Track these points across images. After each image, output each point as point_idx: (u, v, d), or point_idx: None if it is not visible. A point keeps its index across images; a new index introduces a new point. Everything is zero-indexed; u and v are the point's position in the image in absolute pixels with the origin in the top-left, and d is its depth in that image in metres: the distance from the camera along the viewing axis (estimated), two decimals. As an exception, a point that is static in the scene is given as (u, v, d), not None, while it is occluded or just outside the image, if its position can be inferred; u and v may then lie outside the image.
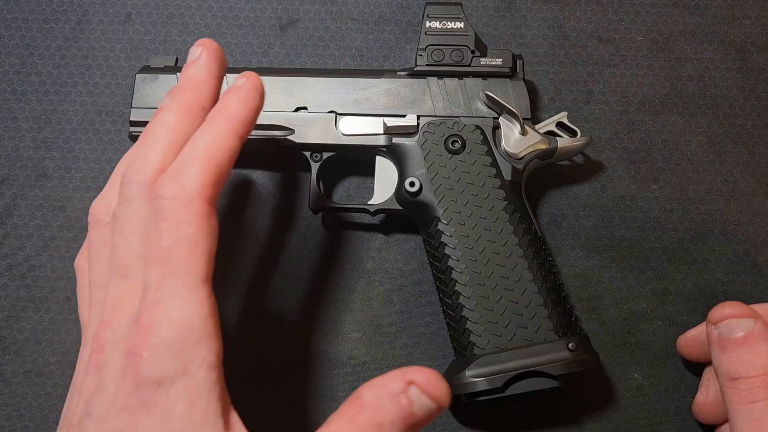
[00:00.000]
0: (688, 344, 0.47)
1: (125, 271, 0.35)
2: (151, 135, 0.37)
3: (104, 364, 0.34)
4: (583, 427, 0.49)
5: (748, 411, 0.39)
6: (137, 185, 0.35)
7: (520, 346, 0.44)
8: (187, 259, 0.33)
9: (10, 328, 0.50)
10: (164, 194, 0.34)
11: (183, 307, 0.33)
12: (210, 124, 0.36)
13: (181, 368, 0.32)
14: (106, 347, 0.34)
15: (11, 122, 0.53)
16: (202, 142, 0.35)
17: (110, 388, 0.33)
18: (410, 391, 0.33)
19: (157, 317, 0.33)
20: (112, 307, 0.35)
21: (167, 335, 0.32)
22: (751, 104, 0.53)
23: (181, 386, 0.32)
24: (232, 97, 0.37)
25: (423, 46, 0.48)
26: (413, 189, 0.47)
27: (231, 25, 0.54)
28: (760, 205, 0.52)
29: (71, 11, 0.55)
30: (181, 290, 0.33)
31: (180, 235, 0.33)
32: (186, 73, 0.39)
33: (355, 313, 0.50)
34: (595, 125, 0.53)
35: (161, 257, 0.33)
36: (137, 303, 0.34)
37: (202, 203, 0.34)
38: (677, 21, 0.54)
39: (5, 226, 0.52)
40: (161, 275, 0.33)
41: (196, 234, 0.34)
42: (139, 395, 0.32)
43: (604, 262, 0.51)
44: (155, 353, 0.32)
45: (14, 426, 0.49)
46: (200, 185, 0.34)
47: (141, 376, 0.32)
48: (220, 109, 0.37)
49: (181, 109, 0.37)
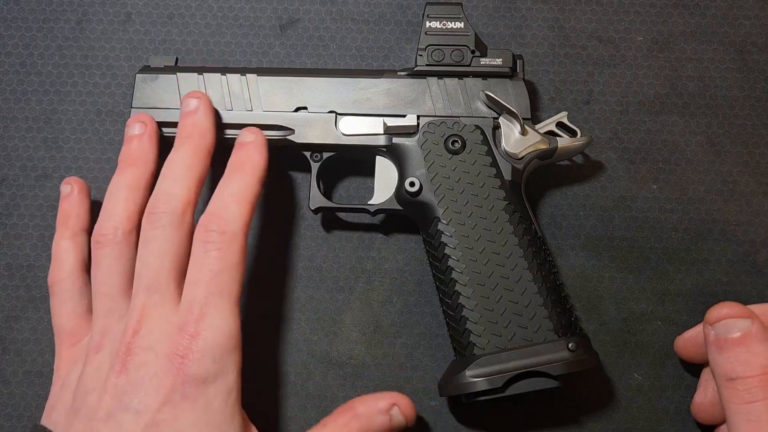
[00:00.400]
0: (686, 345, 0.47)
1: (156, 287, 0.41)
2: (172, 173, 0.44)
3: (139, 365, 0.39)
4: (583, 427, 0.49)
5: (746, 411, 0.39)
6: (169, 215, 0.42)
7: (520, 346, 0.44)
8: (230, 282, 0.41)
9: (10, 328, 0.50)
10: (214, 229, 0.42)
11: (225, 320, 0.40)
12: (241, 173, 0.44)
13: (219, 370, 0.40)
14: (137, 351, 0.40)
15: (11, 122, 0.53)
16: (238, 188, 0.43)
17: (152, 385, 0.39)
18: (392, 411, 0.43)
19: (204, 327, 0.40)
20: (141, 316, 0.41)
21: (212, 341, 0.40)
22: (751, 104, 0.53)
23: (219, 384, 0.40)
24: (251, 151, 0.45)
25: (423, 46, 0.48)
26: (413, 189, 0.47)
27: (231, 25, 0.54)
28: (760, 205, 0.52)
29: (71, 11, 0.55)
30: (225, 307, 0.41)
31: (227, 263, 0.41)
32: (191, 121, 0.46)
33: (355, 313, 0.50)
34: (595, 125, 0.53)
35: (210, 279, 0.41)
36: (169, 314, 0.41)
37: (243, 238, 0.42)
38: (677, 21, 0.54)
39: (5, 226, 0.52)
40: (209, 293, 0.41)
41: (238, 262, 0.42)
42: (183, 390, 0.39)
43: (604, 262, 0.51)
44: (201, 356, 0.39)
45: (14, 426, 0.49)
46: (243, 223, 0.43)
47: (187, 374, 0.39)
48: (245, 161, 0.45)
49: (193, 151, 0.45)
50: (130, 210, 0.44)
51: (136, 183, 0.45)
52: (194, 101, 0.47)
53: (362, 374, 0.49)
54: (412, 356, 0.50)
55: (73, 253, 0.46)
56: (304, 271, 0.51)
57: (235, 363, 0.41)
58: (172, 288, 0.42)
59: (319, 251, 0.51)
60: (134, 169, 0.45)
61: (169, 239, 0.42)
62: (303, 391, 0.49)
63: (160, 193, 0.43)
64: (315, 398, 0.49)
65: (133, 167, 0.45)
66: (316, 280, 0.51)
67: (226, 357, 0.40)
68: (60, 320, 0.45)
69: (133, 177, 0.45)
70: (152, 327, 0.40)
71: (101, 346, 0.42)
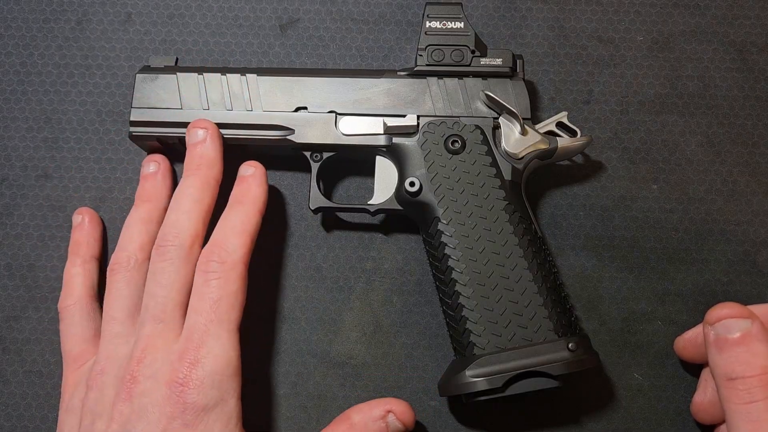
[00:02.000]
0: (686, 346, 0.47)
1: (162, 317, 0.43)
2: (181, 206, 0.45)
3: (142, 393, 0.40)
4: (583, 427, 0.49)
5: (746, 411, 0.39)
6: (177, 248, 0.44)
7: (520, 346, 0.44)
8: (229, 309, 0.42)
9: (10, 328, 0.50)
10: (215, 259, 0.43)
11: (224, 348, 0.41)
12: (242, 206, 0.46)
13: (219, 397, 0.40)
14: (141, 379, 0.41)
15: (11, 122, 0.53)
16: (238, 220, 0.45)
17: (153, 413, 0.40)
18: (388, 417, 0.43)
19: (203, 354, 0.41)
20: (146, 345, 0.42)
21: (211, 369, 0.41)
22: (751, 104, 0.53)
23: (219, 411, 0.40)
24: (252, 184, 0.47)
25: (423, 46, 0.48)
26: (413, 189, 0.47)
27: (231, 25, 0.54)
28: (760, 205, 0.52)
29: (71, 11, 0.55)
30: (224, 334, 0.42)
31: (227, 291, 0.43)
32: (198, 152, 0.47)
33: (355, 313, 0.50)
34: (595, 125, 0.53)
35: (210, 307, 0.42)
36: (172, 343, 0.42)
37: (243, 268, 0.44)
38: (677, 21, 0.54)
39: (5, 226, 0.52)
40: (208, 321, 0.42)
41: (238, 290, 0.43)
42: (184, 418, 0.40)
43: (604, 262, 0.51)
44: (201, 383, 0.40)
45: (14, 426, 0.49)
46: (242, 253, 0.44)
47: (187, 402, 0.40)
48: (246, 194, 0.46)
49: (201, 183, 0.46)
50: (144, 241, 0.46)
51: (150, 217, 0.47)
52: (201, 132, 0.47)
53: (362, 374, 0.49)
54: (412, 356, 0.50)
55: (82, 279, 0.48)
56: (304, 271, 0.51)
57: (235, 389, 0.41)
58: (177, 318, 0.43)
59: (319, 251, 0.51)
60: (148, 205, 0.48)
61: (176, 271, 0.43)
62: (303, 391, 0.49)
63: (169, 226, 0.45)
64: (315, 398, 0.49)
65: (148, 203, 0.48)
66: (316, 280, 0.51)
67: (226, 383, 0.41)
68: (67, 345, 0.46)
69: (147, 212, 0.47)
70: (156, 356, 0.41)
71: (105, 370, 0.43)
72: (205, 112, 0.48)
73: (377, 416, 0.43)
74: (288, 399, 0.49)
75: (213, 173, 0.47)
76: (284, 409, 0.49)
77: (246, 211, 0.46)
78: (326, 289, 0.51)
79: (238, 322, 0.43)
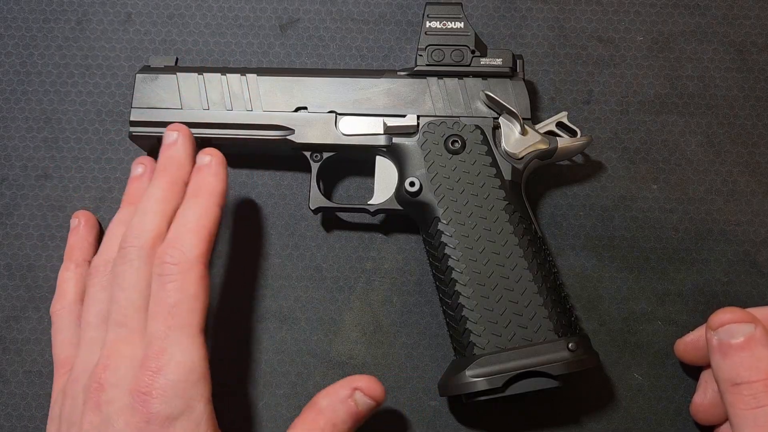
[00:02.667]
0: (687, 349, 0.46)
1: (124, 321, 0.41)
2: (144, 207, 0.43)
3: (108, 402, 0.39)
4: (583, 427, 0.49)
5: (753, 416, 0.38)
6: (138, 249, 0.42)
7: (520, 346, 0.44)
8: (189, 313, 0.40)
9: (10, 328, 0.50)
10: (169, 261, 0.41)
11: (186, 354, 0.39)
12: (197, 199, 0.44)
13: (185, 404, 0.39)
14: (107, 387, 0.39)
15: (11, 122, 0.53)
16: (193, 215, 0.43)
17: (119, 424, 0.38)
18: (356, 395, 0.42)
19: (164, 362, 0.39)
20: (110, 352, 0.40)
21: (173, 377, 0.39)
22: (751, 104, 0.53)
23: (185, 419, 0.39)
24: (207, 175, 0.45)
25: (423, 46, 0.48)
26: (413, 189, 0.47)
27: (231, 25, 0.54)
28: (760, 205, 0.52)
29: (71, 11, 0.55)
30: (185, 339, 0.40)
31: (184, 294, 0.40)
32: (167, 154, 0.46)
33: (355, 313, 0.50)
34: (595, 125, 0.53)
35: (168, 312, 0.40)
36: (136, 349, 0.40)
37: (201, 267, 0.41)
38: (677, 21, 0.54)
39: (5, 226, 0.52)
40: (167, 327, 0.40)
41: (197, 292, 0.41)
42: (148, 429, 0.38)
43: (604, 262, 0.51)
44: (164, 392, 0.38)
45: (14, 426, 0.49)
46: (199, 252, 0.42)
47: (151, 413, 0.38)
48: (200, 186, 0.44)
49: (168, 184, 0.44)
50: None
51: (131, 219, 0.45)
52: (174, 134, 0.46)
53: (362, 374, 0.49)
54: (412, 356, 0.50)
55: (74, 283, 0.47)
56: (304, 271, 0.51)
57: (202, 394, 0.40)
58: (140, 322, 0.41)
59: (319, 251, 0.51)
60: (132, 208, 0.46)
61: (136, 273, 0.42)
62: (303, 391, 0.49)
63: (131, 228, 0.43)
64: (315, 398, 0.49)
65: (131, 206, 0.46)
66: (316, 280, 0.51)
67: (191, 390, 0.39)
68: (56, 350, 0.46)
69: (129, 214, 0.45)
70: (119, 363, 0.40)
71: (78, 378, 0.41)
72: (205, 112, 0.48)
73: (344, 396, 0.42)
74: (288, 399, 0.49)
75: (181, 174, 0.45)
76: (284, 410, 0.49)
77: (202, 205, 0.43)
78: (326, 289, 0.51)
79: (201, 325, 0.41)
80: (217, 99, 0.49)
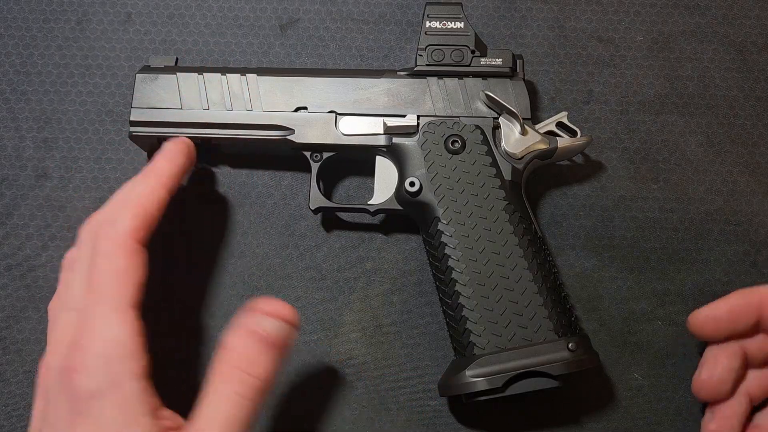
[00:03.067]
0: (706, 322, 0.45)
1: (71, 304, 0.41)
2: (111, 198, 0.44)
3: (49, 387, 0.39)
4: (583, 427, 0.49)
5: None
6: (88, 232, 0.42)
7: (520, 346, 0.44)
8: (116, 287, 0.39)
9: (10, 328, 0.50)
10: (102, 236, 0.41)
11: (111, 328, 0.38)
12: (142, 178, 0.44)
13: (111, 380, 0.37)
14: (50, 372, 0.39)
15: (11, 122, 0.53)
16: (134, 194, 0.43)
17: (53, 406, 0.38)
18: (261, 321, 0.39)
19: (89, 337, 0.38)
20: (58, 337, 0.40)
21: (98, 351, 0.38)
22: (751, 104, 0.53)
23: (113, 396, 0.37)
24: (160, 158, 0.45)
25: (423, 46, 0.48)
26: (413, 189, 0.47)
27: (231, 25, 0.54)
28: (760, 205, 0.52)
29: (71, 11, 0.55)
30: (110, 313, 0.39)
31: (111, 267, 0.40)
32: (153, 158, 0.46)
33: (355, 313, 0.50)
34: (595, 125, 0.53)
35: (95, 286, 0.40)
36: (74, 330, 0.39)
37: (132, 242, 0.41)
38: (677, 21, 0.54)
39: (5, 226, 0.52)
40: (93, 302, 0.39)
41: (126, 266, 0.40)
42: (75, 407, 0.37)
43: (604, 262, 0.51)
44: (87, 368, 0.37)
45: (14, 426, 0.49)
46: (131, 227, 0.41)
47: (76, 389, 0.37)
48: (150, 168, 0.45)
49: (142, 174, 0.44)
50: None
51: None
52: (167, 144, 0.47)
53: (362, 374, 0.49)
54: (412, 356, 0.50)
55: None
56: (304, 271, 0.51)
57: (132, 371, 0.38)
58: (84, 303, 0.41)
59: (319, 251, 0.51)
60: None
61: (84, 256, 0.42)
62: (303, 391, 0.49)
63: (91, 216, 0.43)
64: (315, 398, 0.49)
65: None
66: (316, 280, 0.51)
67: (117, 366, 0.38)
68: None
69: None
70: (59, 347, 0.40)
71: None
72: (205, 112, 0.48)
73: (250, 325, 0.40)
74: (288, 399, 0.49)
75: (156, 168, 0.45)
76: (284, 409, 0.49)
77: (146, 184, 0.43)
78: (326, 289, 0.51)
79: (133, 300, 0.39)
80: (217, 99, 0.49)
